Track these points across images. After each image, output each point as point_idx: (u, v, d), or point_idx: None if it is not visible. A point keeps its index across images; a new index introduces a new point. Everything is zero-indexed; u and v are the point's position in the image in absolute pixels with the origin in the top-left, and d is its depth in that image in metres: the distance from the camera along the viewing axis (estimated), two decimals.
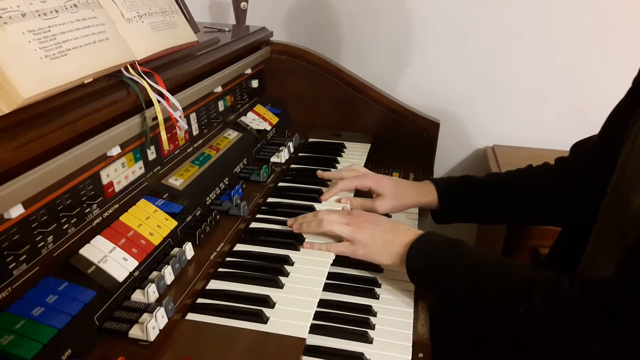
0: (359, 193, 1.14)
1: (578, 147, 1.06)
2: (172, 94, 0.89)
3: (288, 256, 0.90)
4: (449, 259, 0.84)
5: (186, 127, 1.00)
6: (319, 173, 1.18)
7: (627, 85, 0.92)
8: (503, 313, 0.77)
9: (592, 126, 1.06)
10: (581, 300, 0.70)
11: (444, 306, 0.98)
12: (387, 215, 1.11)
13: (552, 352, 0.75)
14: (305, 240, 0.96)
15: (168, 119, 0.89)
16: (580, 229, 0.91)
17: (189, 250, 0.85)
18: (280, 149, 1.26)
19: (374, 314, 0.84)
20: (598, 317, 0.68)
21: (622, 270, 0.70)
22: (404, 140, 1.42)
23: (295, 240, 0.95)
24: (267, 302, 0.79)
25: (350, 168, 1.19)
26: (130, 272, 0.74)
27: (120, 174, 0.82)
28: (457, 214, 1.12)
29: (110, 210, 0.79)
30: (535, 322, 0.73)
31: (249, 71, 1.32)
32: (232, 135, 1.19)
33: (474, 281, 0.80)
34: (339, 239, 0.95)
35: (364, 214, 0.98)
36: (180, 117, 0.89)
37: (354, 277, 0.93)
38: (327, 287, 0.88)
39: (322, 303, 0.84)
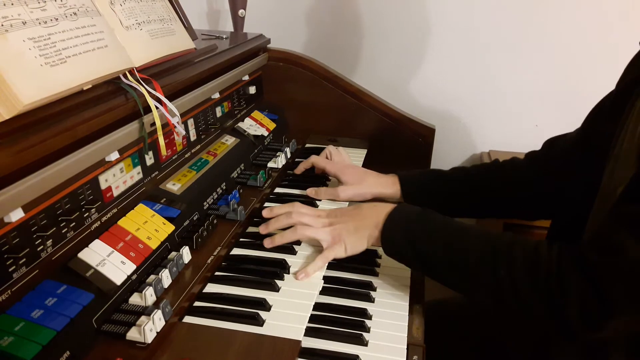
0: None
1: (553, 143, 1.07)
2: (170, 100, 0.90)
3: (284, 260, 0.91)
4: (425, 231, 0.86)
5: (184, 132, 1.01)
6: (297, 170, 1.25)
7: None
8: (484, 277, 0.79)
9: (571, 131, 1.06)
10: (559, 261, 0.74)
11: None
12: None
13: (532, 316, 0.78)
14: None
15: (166, 125, 0.90)
16: (567, 224, 0.92)
17: (186, 254, 0.86)
18: (277, 154, 1.27)
19: (369, 317, 0.85)
20: (575, 278, 0.71)
21: (596, 234, 0.74)
22: (400, 145, 1.43)
23: (291, 244, 0.96)
24: (264, 305, 0.80)
25: (330, 149, 1.24)
26: (128, 276, 0.74)
27: (118, 179, 0.83)
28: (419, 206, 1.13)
29: (108, 215, 0.81)
30: (515, 284, 0.76)
31: (246, 78, 1.33)
32: (230, 140, 1.20)
33: (454, 248, 0.83)
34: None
35: (331, 212, 0.99)
36: (178, 123, 0.90)
37: (349, 280, 0.94)
38: (322, 291, 0.88)
39: (318, 306, 0.85)
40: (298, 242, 0.97)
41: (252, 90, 1.37)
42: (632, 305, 0.70)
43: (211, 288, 0.85)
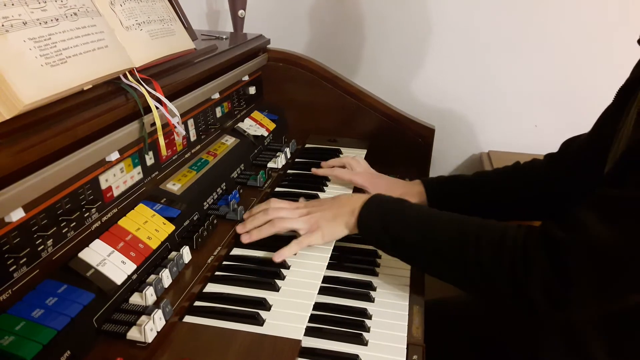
0: None
1: (569, 144, 1.08)
2: (171, 100, 0.90)
3: (284, 260, 0.92)
4: (399, 214, 0.89)
5: (184, 133, 1.01)
6: (314, 170, 1.23)
7: None
8: (454, 257, 0.81)
9: (586, 131, 1.07)
10: (524, 240, 0.75)
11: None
12: None
13: (501, 297, 0.79)
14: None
15: (166, 125, 0.90)
16: None
17: (186, 254, 0.86)
18: (277, 154, 1.27)
19: (369, 317, 0.85)
20: (538, 255, 0.73)
21: (564, 213, 0.75)
22: (400, 145, 1.43)
23: None
24: (264, 304, 0.80)
25: (349, 160, 1.23)
26: (128, 275, 0.75)
27: (118, 179, 0.83)
28: None
29: (109, 215, 0.81)
30: (483, 263, 0.78)
31: (246, 78, 1.33)
32: (230, 141, 1.20)
33: (427, 231, 0.86)
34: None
35: (309, 202, 1.01)
36: (178, 123, 0.91)
37: (349, 280, 0.94)
38: (322, 291, 0.88)
39: (318, 306, 0.85)
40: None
41: (252, 90, 1.38)
42: (591, 283, 0.70)
43: (211, 288, 0.85)
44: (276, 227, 0.94)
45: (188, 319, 0.78)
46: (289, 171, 1.28)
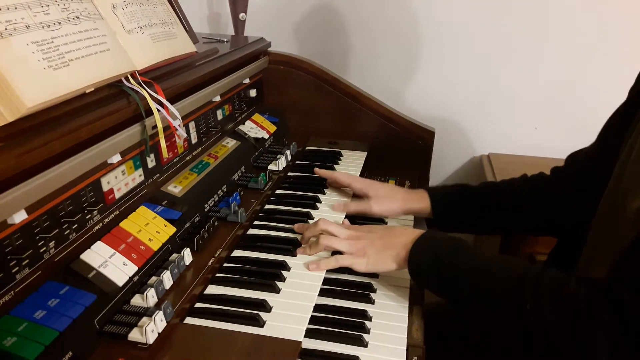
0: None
1: (574, 157, 1.07)
2: (172, 103, 0.91)
3: (285, 261, 0.92)
4: (453, 256, 0.85)
5: (185, 135, 1.02)
6: (317, 170, 1.24)
7: (620, 93, 0.94)
8: (510, 310, 0.77)
9: (586, 134, 1.07)
10: (588, 299, 0.71)
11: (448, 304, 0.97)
12: (382, 221, 1.13)
13: (558, 351, 0.75)
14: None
15: (167, 128, 0.90)
16: (577, 236, 0.92)
17: (187, 255, 0.87)
18: (278, 157, 1.28)
19: (369, 319, 0.86)
20: (605, 316, 0.69)
21: (625, 270, 0.72)
22: (400, 148, 1.43)
23: (291, 246, 0.97)
24: (264, 306, 0.81)
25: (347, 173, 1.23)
26: (129, 277, 0.75)
27: (120, 181, 0.84)
28: (450, 223, 1.13)
29: (110, 217, 0.81)
30: (542, 319, 0.74)
31: (247, 81, 1.34)
32: (231, 143, 1.21)
33: (480, 277, 0.81)
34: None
35: (360, 227, 0.98)
36: (179, 125, 0.91)
37: (349, 282, 0.94)
38: (322, 292, 0.89)
39: (318, 307, 0.85)
40: (299, 244, 0.98)
41: (253, 93, 1.38)
42: None
43: (212, 289, 0.85)
44: (321, 246, 0.93)
45: (189, 320, 0.78)
46: (289, 173, 1.29)
